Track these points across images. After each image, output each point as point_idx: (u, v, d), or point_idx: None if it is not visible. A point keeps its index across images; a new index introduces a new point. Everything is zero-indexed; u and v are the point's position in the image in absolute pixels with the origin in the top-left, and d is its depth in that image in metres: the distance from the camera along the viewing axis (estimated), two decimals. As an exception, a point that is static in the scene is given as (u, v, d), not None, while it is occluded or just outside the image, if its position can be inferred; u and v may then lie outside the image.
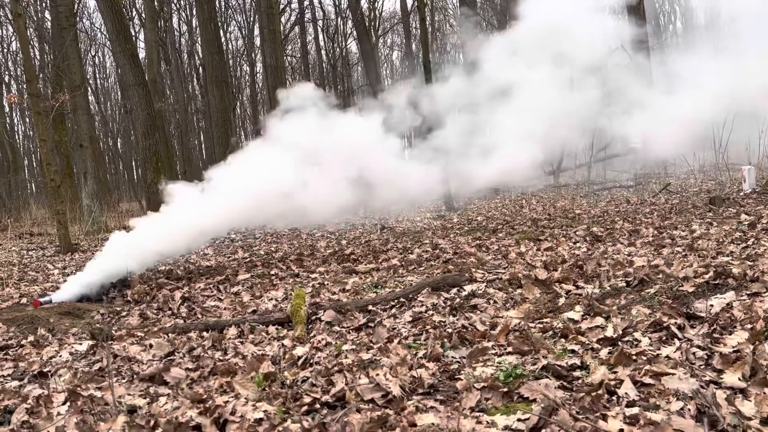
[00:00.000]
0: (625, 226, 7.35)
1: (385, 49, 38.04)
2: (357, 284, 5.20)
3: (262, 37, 16.74)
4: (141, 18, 26.16)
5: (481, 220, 10.07)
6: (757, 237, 5.37)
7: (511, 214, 10.70)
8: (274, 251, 8.20)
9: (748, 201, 8.12)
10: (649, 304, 3.65)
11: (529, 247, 6.46)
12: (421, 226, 10.07)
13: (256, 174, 6.41)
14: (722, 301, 3.43)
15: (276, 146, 6.83)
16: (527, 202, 12.82)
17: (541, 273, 4.69)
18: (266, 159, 6.62)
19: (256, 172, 6.42)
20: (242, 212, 6.44)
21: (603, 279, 4.44)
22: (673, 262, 4.65)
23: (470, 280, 4.74)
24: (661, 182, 12.98)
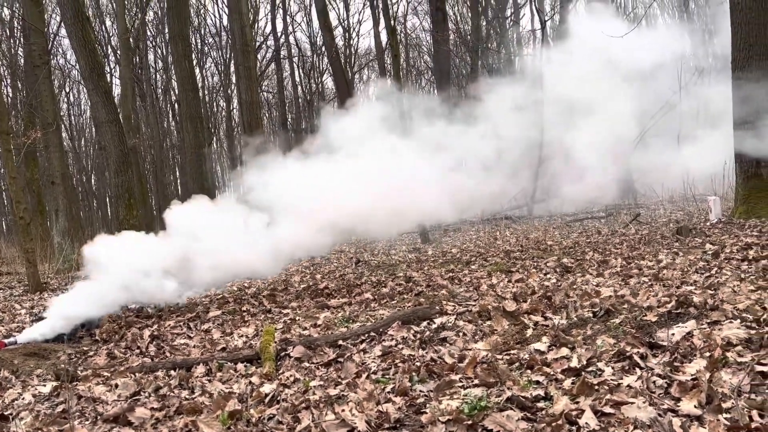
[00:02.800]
0: (595, 256, 7.47)
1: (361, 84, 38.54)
2: (328, 319, 5.19)
3: (238, 73, 16.90)
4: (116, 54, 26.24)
5: (455, 252, 10.14)
6: (719, 266, 5.50)
7: (485, 246, 10.79)
8: (247, 287, 8.14)
9: (714, 231, 8.31)
10: (613, 334, 3.71)
11: (500, 278, 6.52)
12: (396, 259, 10.10)
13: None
14: (683, 329, 3.50)
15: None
16: (501, 234, 12.95)
17: (510, 305, 4.74)
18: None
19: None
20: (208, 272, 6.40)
21: (570, 310, 4.50)
22: (638, 292, 4.74)
23: (441, 313, 4.77)
24: (631, 213, 13.23)
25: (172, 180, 32.22)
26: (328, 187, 7.13)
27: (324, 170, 7.51)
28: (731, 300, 3.90)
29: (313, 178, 7.35)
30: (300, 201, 7.04)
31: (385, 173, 7.38)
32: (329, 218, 6.93)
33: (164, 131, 30.76)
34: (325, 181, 7.26)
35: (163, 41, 28.34)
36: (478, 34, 22.57)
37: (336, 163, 7.55)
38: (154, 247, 6.44)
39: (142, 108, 28.06)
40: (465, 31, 27.71)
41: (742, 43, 8.83)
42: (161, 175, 29.25)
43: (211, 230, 6.53)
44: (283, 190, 7.16)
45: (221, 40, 29.28)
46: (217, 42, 30.22)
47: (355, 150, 7.67)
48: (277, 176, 7.36)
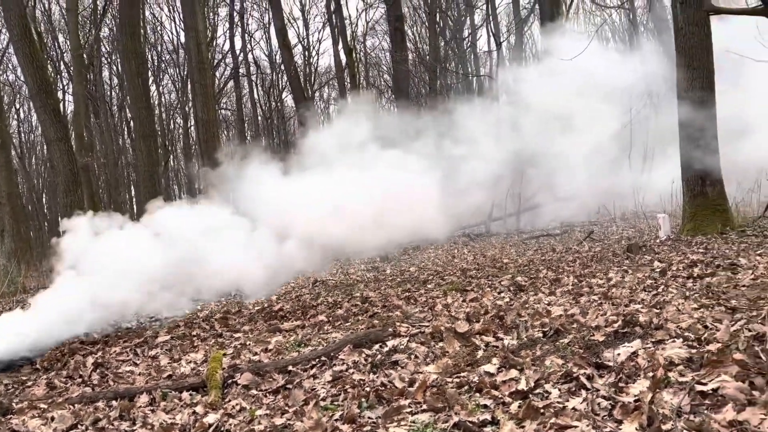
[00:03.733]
0: (548, 274, 7.55)
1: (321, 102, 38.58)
2: (280, 343, 5.10)
3: (194, 91, 16.72)
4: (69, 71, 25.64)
5: (413, 271, 10.15)
6: (666, 284, 5.62)
7: (443, 264, 10.84)
8: (199, 309, 7.96)
9: (663, 248, 8.50)
10: (562, 354, 3.74)
11: (455, 298, 6.53)
12: (354, 278, 10.04)
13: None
14: (629, 349, 3.54)
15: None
16: (459, 252, 13.04)
17: (462, 325, 4.73)
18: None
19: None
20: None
21: (521, 330, 4.53)
22: (588, 311, 4.80)
23: (394, 335, 4.73)
24: (585, 230, 13.49)
25: (127, 199, 31.51)
26: (311, 202, 7.12)
27: (308, 185, 7.50)
28: (675, 319, 3.97)
29: (297, 193, 7.33)
30: (288, 216, 7.00)
31: (368, 188, 7.41)
32: (315, 234, 6.90)
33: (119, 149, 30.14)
34: (308, 196, 7.25)
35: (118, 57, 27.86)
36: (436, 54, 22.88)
37: (318, 177, 7.55)
38: (147, 250, 6.23)
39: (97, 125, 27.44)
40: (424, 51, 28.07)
41: (686, 66, 9.14)
42: (116, 194, 28.59)
43: (207, 236, 6.39)
44: (271, 204, 7.11)
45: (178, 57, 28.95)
46: (175, 59, 29.87)
47: (338, 164, 7.70)
48: (265, 189, 7.31)
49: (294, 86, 20.61)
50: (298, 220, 7.05)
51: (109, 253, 6.09)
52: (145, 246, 6.34)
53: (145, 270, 6.11)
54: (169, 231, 6.52)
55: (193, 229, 6.61)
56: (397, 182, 7.72)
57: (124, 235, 6.46)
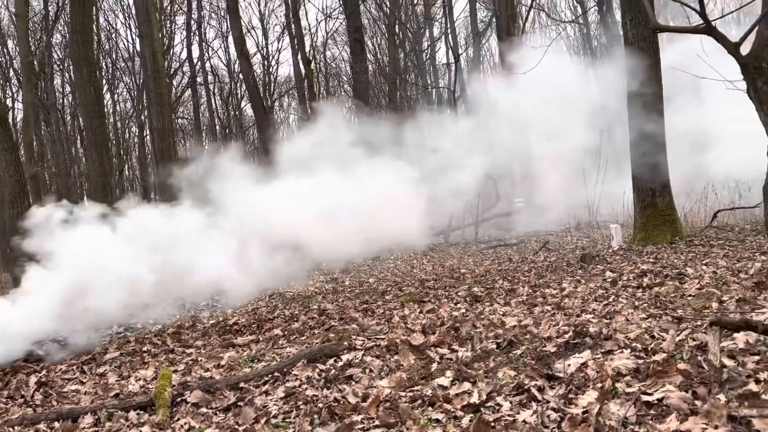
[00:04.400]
0: (504, 285, 7.64)
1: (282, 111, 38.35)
2: (233, 359, 5.00)
3: (149, 100, 16.41)
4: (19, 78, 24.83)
5: (372, 282, 10.13)
6: (617, 294, 5.74)
7: (402, 275, 10.85)
8: (151, 324, 7.76)
9: (615, 257, 8.70)
10: (515, 366, 3.77)
11: (412, 309, 6.53)
12: (313, 290, 9.96)
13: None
14: (579, 360, 3.59)
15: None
16: (418, 262, 13.08)
17: (418, 338, 4.73)
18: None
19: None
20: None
21: (476, 341, 4.55)
22: (541, 322, 4.86)
23: (349, 349, 4.69)
24: (541, 240, 13.71)
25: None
26: (287, 207, 7.06)
27: (285, 190, 7.44)
28: (624, 329, 4.05)
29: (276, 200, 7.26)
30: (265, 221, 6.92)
31: (345, 194, 7.40)
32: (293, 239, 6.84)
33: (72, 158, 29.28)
34: (285, 201, 7.18)
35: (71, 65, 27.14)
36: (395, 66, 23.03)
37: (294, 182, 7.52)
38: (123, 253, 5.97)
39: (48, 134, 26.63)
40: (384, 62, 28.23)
41: (636, 80, 9.42)
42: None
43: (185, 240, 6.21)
44: (248, 208, 7.00)
45: (134, 65, 28.37)
46: (130, 67, 29.26)
47: (314, 171, 7.67)
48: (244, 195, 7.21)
49: (252, 95, 20.42)
50: (277, 226, 6.97)
51: (82, 255, 5.84)
52: (121, 248, 6.11)
53: (124, 274, 5.91)
54: (146, 233, 6.33)
55: (170, 231, 6.44)
56: (374, 189, 7.77)
57: (97, 236, 6.18)
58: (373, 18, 28.01)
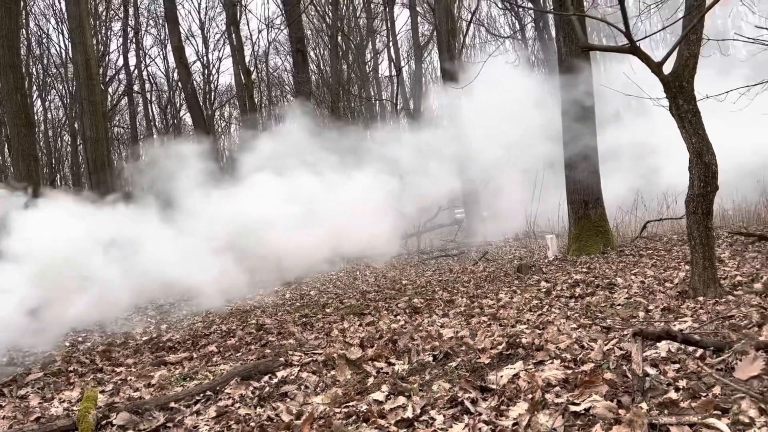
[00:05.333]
0: (444, 296, 7.71)
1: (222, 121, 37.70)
2: (164, 377, 4.83)
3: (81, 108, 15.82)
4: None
5: (313, 295, 10.03)
6: (550, 304, 5.88)
7: (344, 287, 10.79)
8: (80, 341, 7.43)
9: (551, 268, 8.93)
10: (449, 378, 3.79)
11: (352, 322, 6.51)
12: (252, 304, 9.77)
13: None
14: (511, 371, 3.65)
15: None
16: (361, 273, 13.05)
17: (355, 352, 4.70)
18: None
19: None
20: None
21: (413, 354, 4.56)
22: (477, 333, 4.92)
23: (285, 365, 4.62)
24: (481, 251, 13.93)
25: (6, 221, 29.05)
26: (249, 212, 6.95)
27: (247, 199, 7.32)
28: (555, 339, 4.14)
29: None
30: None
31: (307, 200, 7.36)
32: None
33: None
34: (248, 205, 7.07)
35: (-3, 70, 25.87)
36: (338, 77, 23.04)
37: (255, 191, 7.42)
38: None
39: (-29, 142, 25.31)
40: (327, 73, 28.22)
41: (569, 96, 9.74)
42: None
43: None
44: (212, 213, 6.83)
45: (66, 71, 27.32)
46: (63, 73, 28.17)
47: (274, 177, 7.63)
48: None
49: (191, 104, 19.98)
50: (243, 232, 6.86)
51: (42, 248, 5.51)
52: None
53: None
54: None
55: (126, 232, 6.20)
56: (336, 197, 7.81)
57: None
58: (315, 29, 27.99)
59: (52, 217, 6.01)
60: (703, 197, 4.99)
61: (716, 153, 5.04)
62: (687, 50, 4.98)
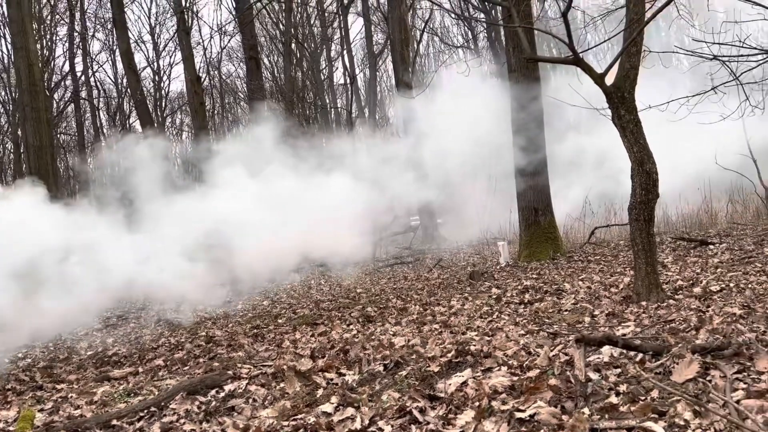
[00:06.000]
0: (398, 304, 7.72)
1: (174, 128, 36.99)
2: (108, 393, 4.67)
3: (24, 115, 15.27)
4: None
5: (266, 305, 9.89)
6: (500, 311, 5.96)
7: (298, 297, 10.69)
8: (21, 357, 7.13)
9: (502, 274, 9.06)
10: (399, 388, 3.78)
11: (304, 333, 6.44)
12: (202, 315, 9.57)
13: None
14: (460, 379, 3.67)
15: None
16: (316, 282, 12.96)
17: (306, 363, 4.65)
18: None
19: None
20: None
21: (364, 363, 4.54)
22: (428, 341, 4.94)
23: (233, 378, 4.53)
24: (435, 258, 14.03)
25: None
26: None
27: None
28: (503, 346, 4.19)
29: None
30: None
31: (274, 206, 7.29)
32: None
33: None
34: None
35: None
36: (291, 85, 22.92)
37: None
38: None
39: None
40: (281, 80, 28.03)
41: (519, 106, 9.93)
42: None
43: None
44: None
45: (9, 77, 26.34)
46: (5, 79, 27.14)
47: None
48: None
49: (141, 111, 19.50)
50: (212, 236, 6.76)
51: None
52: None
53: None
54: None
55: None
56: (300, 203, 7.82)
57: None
58: (269, 36, 27.80)
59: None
60: (645, 205, 5.15)
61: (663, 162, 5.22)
62: (628, 62, 5.15)
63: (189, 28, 23.53)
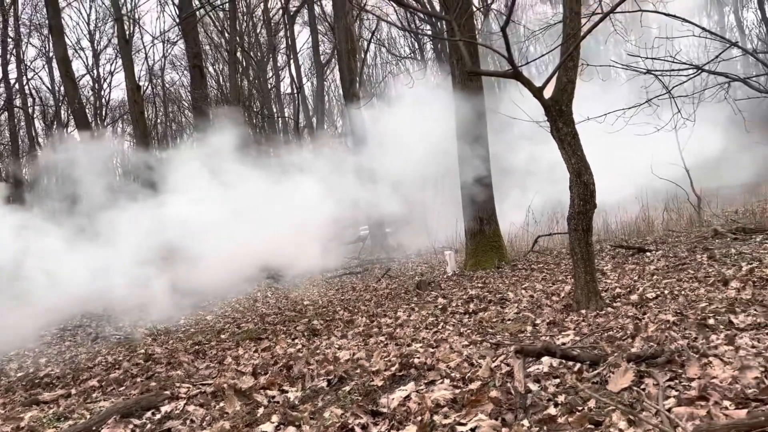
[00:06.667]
0: (345, 315, 7.65)
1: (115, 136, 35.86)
2: (36, 418, 4.43)
3: (-50, 123, 14.52)
4: None
5: (210, 320, 9.65)
6: (445, 321, 5.98)
7: (243, 310, 10.48)
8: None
9: (449, 283, 9.11)
10: (342, 404, 3.72)
11: (247, 348, 6.30)
12: (142, 332, 9.24)
13: None
14: (403, 393, 3.64)
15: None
16: (263, 295, 12.74)
17: (247, 380, 4.54)
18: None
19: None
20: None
21: (307, 379, 4.46)
22: (373, 354, 4.90)
23: (171, 398, 4.37)
24: (384, 267, 14.03)
25: None
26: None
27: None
28: (446, 358, 4.20)
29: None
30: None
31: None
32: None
33: None
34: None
35: None
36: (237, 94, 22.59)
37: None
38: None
39: None
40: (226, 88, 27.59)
41: (462, 117, 10.06)
42: None
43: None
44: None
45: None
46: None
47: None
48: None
49: (79, 120, 18.84)
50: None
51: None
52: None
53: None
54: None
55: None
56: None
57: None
58: (214, 44, 27.37)
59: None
60: (583, 215, 5.27)
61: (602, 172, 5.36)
62: (565, 76, 5.27)
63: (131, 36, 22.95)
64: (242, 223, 9.21)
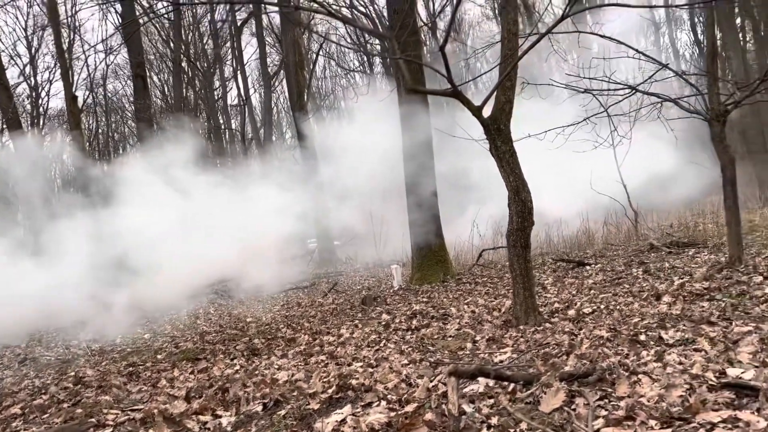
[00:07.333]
0: (287, 333, 7.51)
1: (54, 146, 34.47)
2: (-53, 452, 4.15)
3: None
4: None
5: (148, 338, 9.31)
6: (388, 338, 5.93)
7: (183, 328, 10.16)
8: None
9: (395, 298, 9.08)
10: (276, 429, 3.62)
11: (183, 369, 6.09)
12: (74, 352, 8.84)
13: None
14: (339, 417, 3.56)
15: None
16: (204, 312, 12.40)
17: (179, 405, 4.37)
18: None
19: None
20: None
21: (243, 403, 4.32)
22: (312, 375, 4.80)
23: (97, 426, 4.16)
24: (331, 282, 13.89)
25: None
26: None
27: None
28: (384, 379, 4.14)
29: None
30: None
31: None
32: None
33: None
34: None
35: None
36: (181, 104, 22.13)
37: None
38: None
39: None
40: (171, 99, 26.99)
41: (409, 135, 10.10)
42: None
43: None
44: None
45: None
46: None
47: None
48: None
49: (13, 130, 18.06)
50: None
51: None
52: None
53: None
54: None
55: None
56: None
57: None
58: (159, 53, 26.78)
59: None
60: (521, 232, 5.33)
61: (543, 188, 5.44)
62: (503, 96, 5.35)
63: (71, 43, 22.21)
64: (185, 237, 9.03)
